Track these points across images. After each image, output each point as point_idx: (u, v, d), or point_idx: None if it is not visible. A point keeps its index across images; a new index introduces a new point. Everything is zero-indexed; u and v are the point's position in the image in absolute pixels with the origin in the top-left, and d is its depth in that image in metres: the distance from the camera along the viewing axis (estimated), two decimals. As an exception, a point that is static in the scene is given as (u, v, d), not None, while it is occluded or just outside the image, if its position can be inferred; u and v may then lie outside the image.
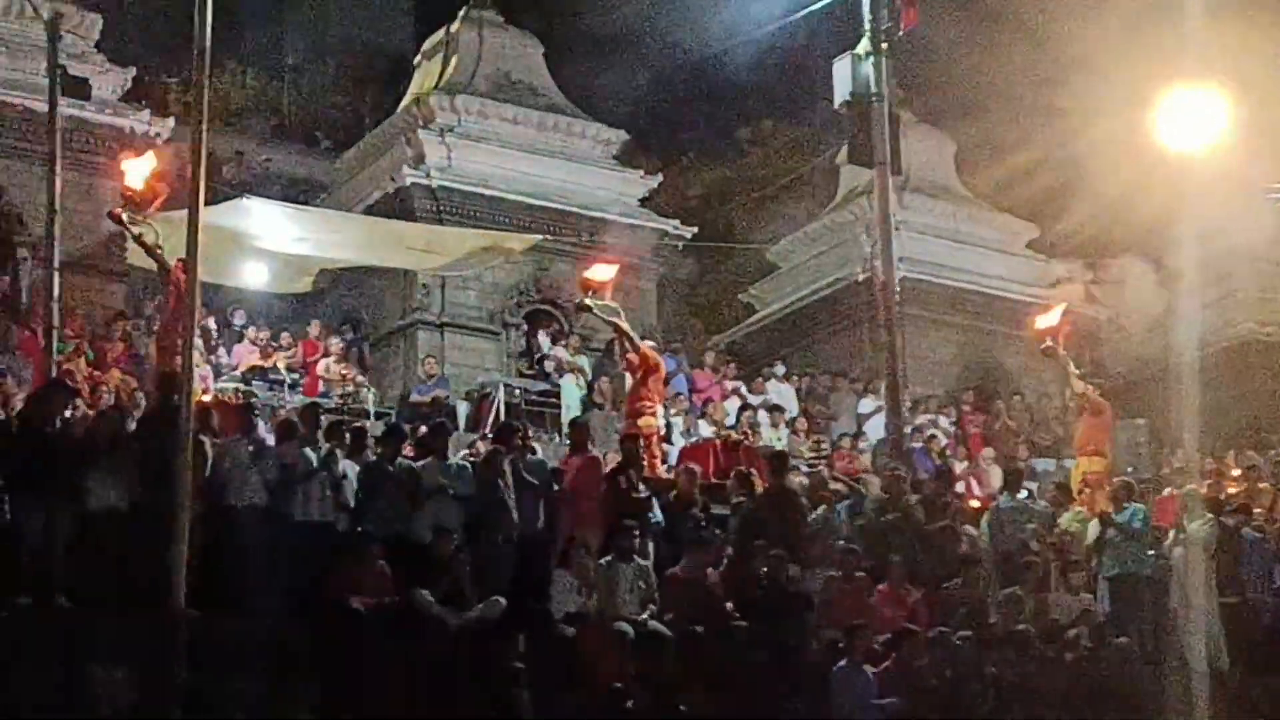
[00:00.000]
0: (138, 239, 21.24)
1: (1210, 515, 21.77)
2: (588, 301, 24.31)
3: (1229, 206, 29.13)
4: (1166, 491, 25.17)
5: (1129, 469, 26.35)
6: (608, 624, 18.15)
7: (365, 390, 28.25)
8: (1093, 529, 21.96)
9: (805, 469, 25.37)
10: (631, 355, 24.17)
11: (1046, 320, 25.11)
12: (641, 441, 22.06)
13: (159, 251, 21.04)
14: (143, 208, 21.08)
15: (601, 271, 24.58)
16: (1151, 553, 21.51)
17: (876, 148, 24.13)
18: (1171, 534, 21.74)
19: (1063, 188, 35.27)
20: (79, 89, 24.48)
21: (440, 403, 27.48)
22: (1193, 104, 23.49)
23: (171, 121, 30.54)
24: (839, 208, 37.93)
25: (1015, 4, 37.48)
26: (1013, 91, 38.03)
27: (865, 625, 18.85)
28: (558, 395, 28.91)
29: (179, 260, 20.70)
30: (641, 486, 20.32)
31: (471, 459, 20.81)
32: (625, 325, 24.36)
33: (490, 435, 23.35)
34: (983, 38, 38.72)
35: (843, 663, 18.43)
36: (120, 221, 21.46)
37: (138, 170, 21.38)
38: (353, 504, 18.60)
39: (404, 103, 35.46)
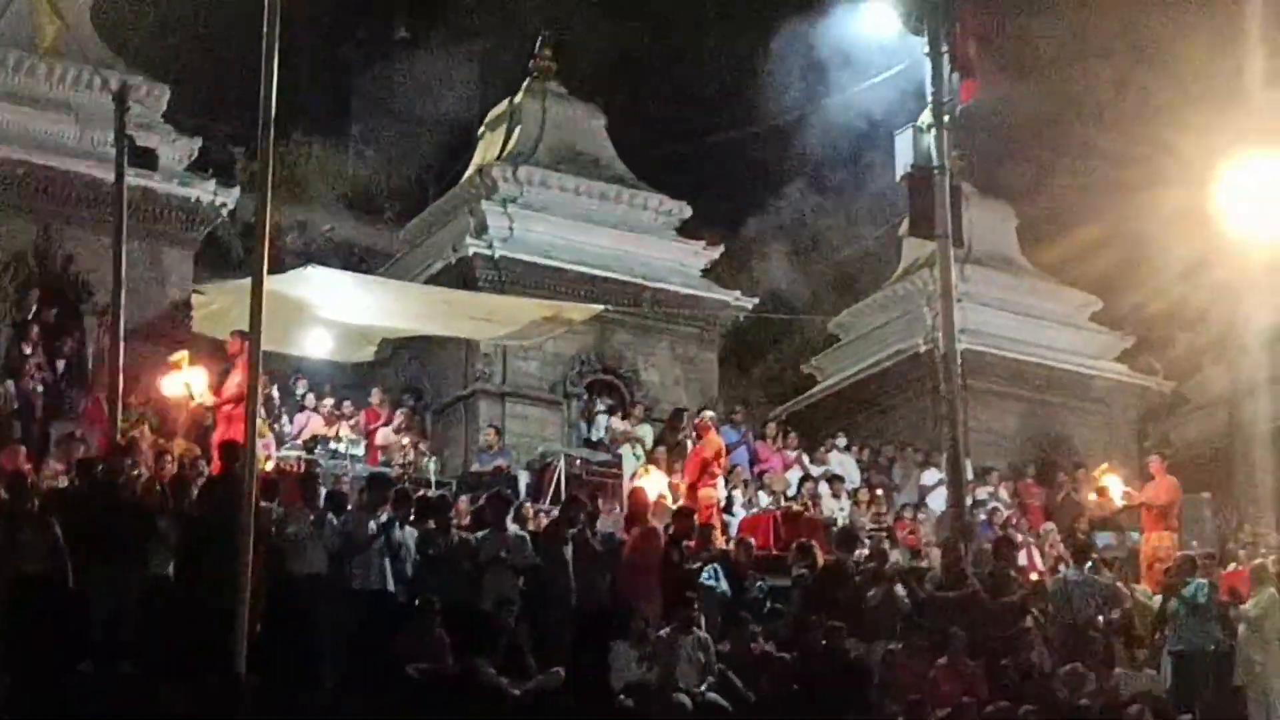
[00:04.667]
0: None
1: (1274, 590, 21.59)
2: None
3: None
4: (1233, 566, 25.00)
5: (1193, 543, 26.16)
6: (667, 696, 18.12)
7: (426, 459, 28.29)
8: (1158, 604, 21.86)
9: (867, 541, 25.29)
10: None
11: (1113, 484, 25.19)
12: (699, 512, 22.09)
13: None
14: None
15: None
16: (1216, 628, 21.35)
17: (938, 220, 24.09)
18: (1237, 609, 21.58)
19: (1127, 261, 35.17)
20: (146, 159, 24.62)
21: (502, 472, 27.51)
22: (1258, 178, 23.47)
23: (237, 191, 30.73)
24: (901, 279, 37.87)
25: (1077, 77, 37.50)
26: (1076, 165, 37.99)
27: (925, 700, 18.78)
28: (618, 465, 28.90)
29: (236, 331, 20.95)
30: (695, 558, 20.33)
31: (532, 530, 20.84)
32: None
33: (554, 507, 23.41)
34: (1045, 110, 38.71)
35: (903, 737, 18.37)
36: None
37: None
38: (411, 573, 18.66)
39: (467, 173, 35.61)
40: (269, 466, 23.17)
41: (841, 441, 31.63)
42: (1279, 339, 31.87)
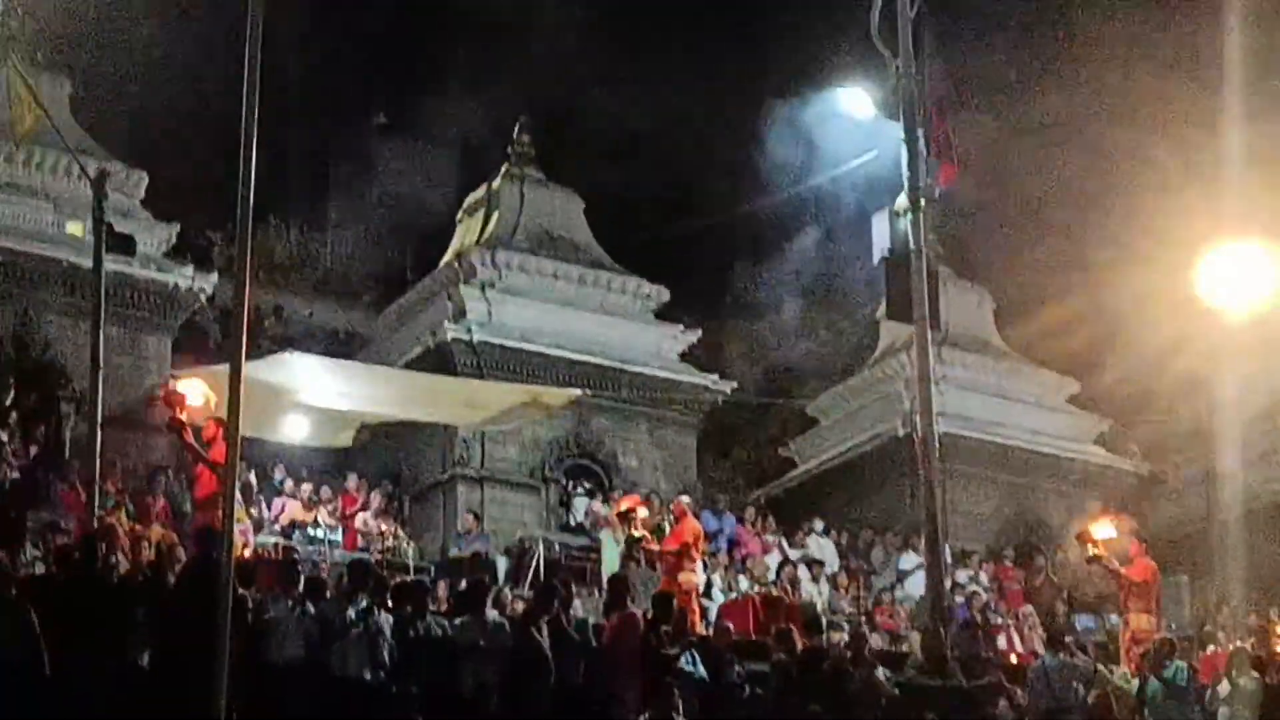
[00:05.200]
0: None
1: (1256, 673, 21.56)
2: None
3: (1273, 361, 29.07)
4: (1211, 649, 24.96)
5: (1171, 625, 26.16)
6: (646, 782, 18.04)
7: (404, 545, 28.20)
8: (1137, 686, 21.81)
9: (846, 625, 25.23)
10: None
11: (1101, 531, 24.95)
12: (679, 597, 22.02)
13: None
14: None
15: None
16: (1195, 711, 21.31)
17: (915, 303, 24.08)
18: (1216, 692, 21.55)
19: (1103, 341, 35.27)
20: (124, 245, 24.63)
21: (480, 558, 27.43)
22: (1237, 260, 23.54)
23: (215, 276, 30.80)
24: (879, 363, 37.96)
25: (1052, 158, 37.67)
26: (1052, 245, 38.12)
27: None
28: (598, 550, 28.84)
29: (213, 418, 20.88)
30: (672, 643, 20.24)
31: (510, 616, 20.74)
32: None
33: (530, 594, 23.30)
34: (1020, 191, 38.88)
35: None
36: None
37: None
38: (389, 660, 18.57)
39: (445, 258, 35.69)
40: (247, 553, 23.06)
41: (819, 525, 31.61)
42: (1255, 421, 31.94)
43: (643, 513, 25.29)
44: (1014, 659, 25.12)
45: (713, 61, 48.10)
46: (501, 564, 28.26)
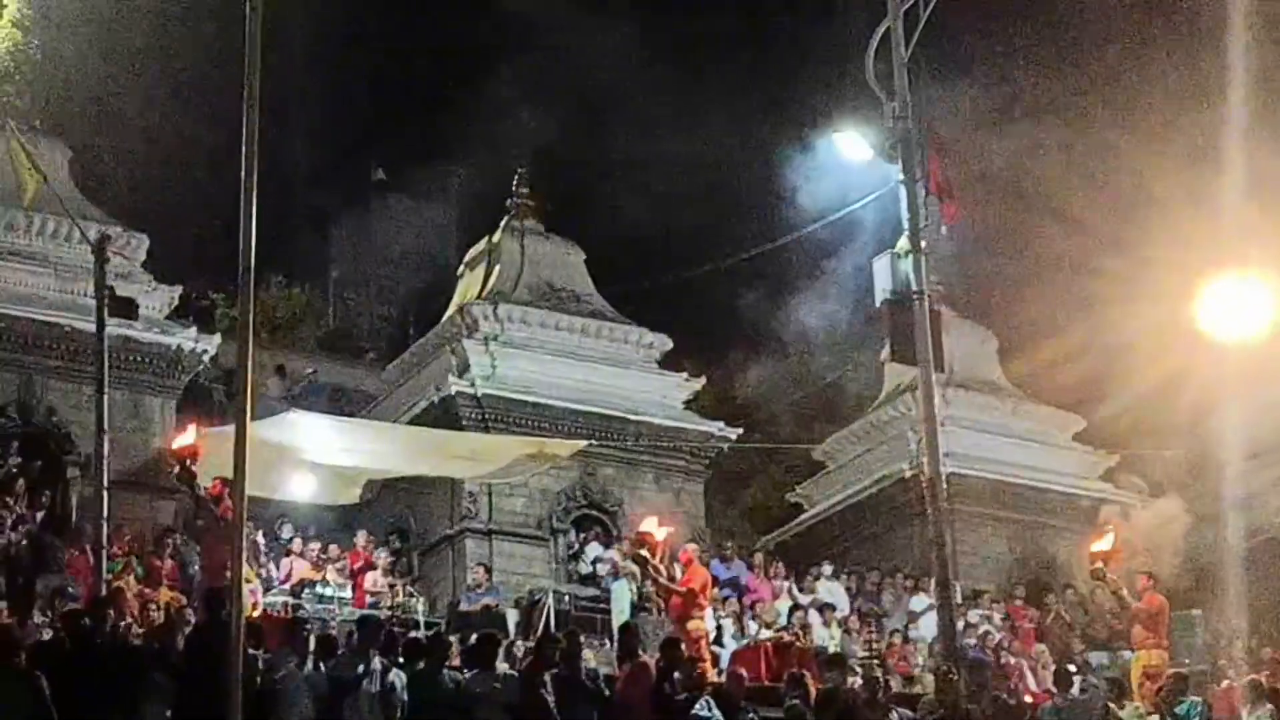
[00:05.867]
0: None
1: (1271, 706, 21.48)
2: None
3: (1277, 391, 29.00)
4: (1225, 683, 24.86)
5: (1185, 661, 26.04)
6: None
7: (414, 600, 28.16)
8: (1150, 723, 21.75)
9: (859, 668, 25.15)
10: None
11: (1099, 545, 24.86)
12: (688, 645, 21.95)
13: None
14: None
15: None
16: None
17: (918, 345, 24.04)
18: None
19: (1106, 375, 35.22)
20: (126, 309, 24.68)
21: (490, 611, 27.38)
22: (1236, 293, 23.50)
23: (218, 337, 30.82)
24: (884, 405, 37.92)
25: (1052, 194, 37.67)
26: (1052, 279, 38.09)
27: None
28: (608, 600, 28.78)
29: (217, 478, 20.88)
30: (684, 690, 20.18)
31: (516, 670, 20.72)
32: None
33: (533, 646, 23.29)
34: (1020, 228, 38.88)
35: None
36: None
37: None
38: (400, 716, 18.52)
39: (448, 312, 35.70)
40: (255, 613, 23.03)
41: (828, 569, 31.54)
42: (1262, 452, 31.90)
43: (661, 534, 25.16)
44: (1028, 698, 25.02)
45: (717, 109, 48.27)
46: (511, 617, 28.20)
